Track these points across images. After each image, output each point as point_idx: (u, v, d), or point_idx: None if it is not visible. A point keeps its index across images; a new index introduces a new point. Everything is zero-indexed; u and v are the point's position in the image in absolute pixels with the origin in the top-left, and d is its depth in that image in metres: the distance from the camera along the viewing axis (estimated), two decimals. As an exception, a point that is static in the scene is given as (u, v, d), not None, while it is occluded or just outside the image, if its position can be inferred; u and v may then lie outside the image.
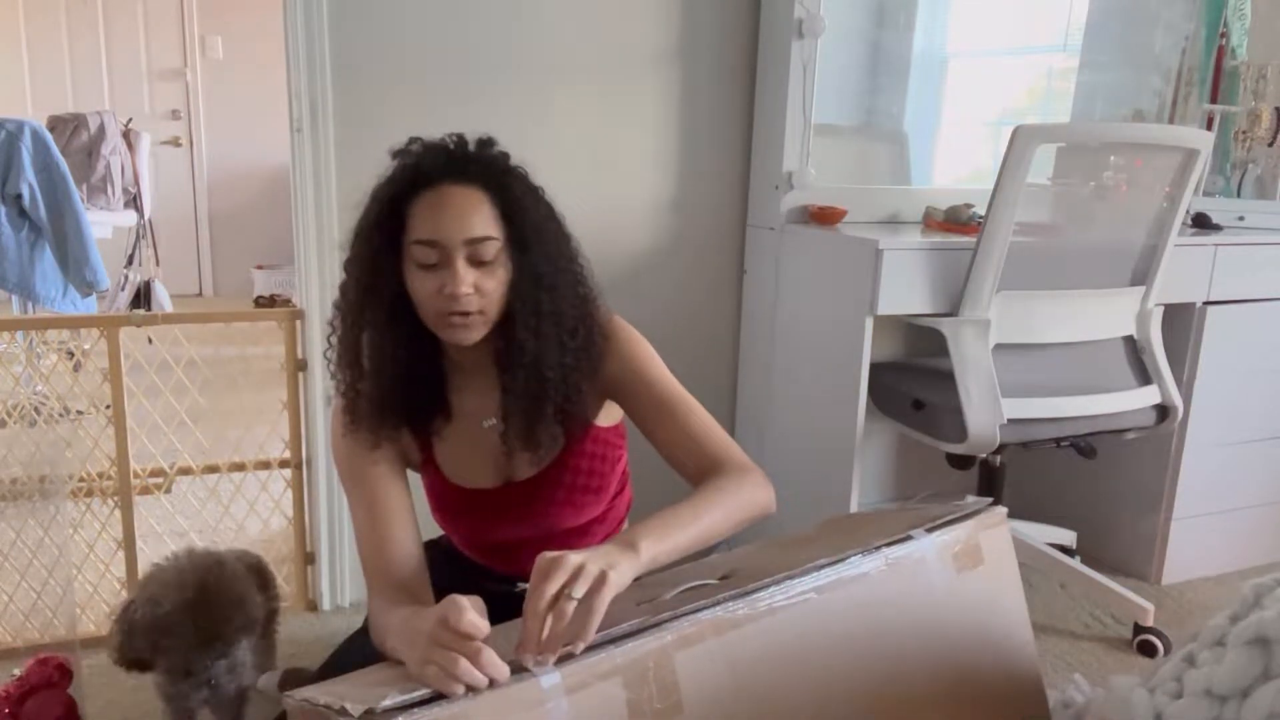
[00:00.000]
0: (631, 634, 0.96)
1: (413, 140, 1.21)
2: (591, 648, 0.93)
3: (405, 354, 1.22)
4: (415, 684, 0.88)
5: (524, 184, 1.22)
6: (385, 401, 1.23)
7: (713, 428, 1.26)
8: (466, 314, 1.16)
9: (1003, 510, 1.28)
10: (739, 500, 1.17)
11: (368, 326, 1.21)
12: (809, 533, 1.45)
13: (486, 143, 1.23)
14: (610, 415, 1.35)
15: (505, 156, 1.23)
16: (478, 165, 1.19)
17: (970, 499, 1.47)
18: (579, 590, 0.93)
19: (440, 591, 1.18)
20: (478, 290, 1.16)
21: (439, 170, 1.17)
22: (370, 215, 1.20)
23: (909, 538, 1.18)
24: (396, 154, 1.21)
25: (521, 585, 1.36)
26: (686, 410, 1.26)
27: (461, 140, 1.22)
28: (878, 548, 1.14)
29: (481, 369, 1.27)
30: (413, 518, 1.24)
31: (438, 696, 0.86)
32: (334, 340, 1.25)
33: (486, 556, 1.40)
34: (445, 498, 1.35)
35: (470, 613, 0.90)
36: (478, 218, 1.15)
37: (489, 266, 1.16)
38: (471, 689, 0.87)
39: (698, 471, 1.23)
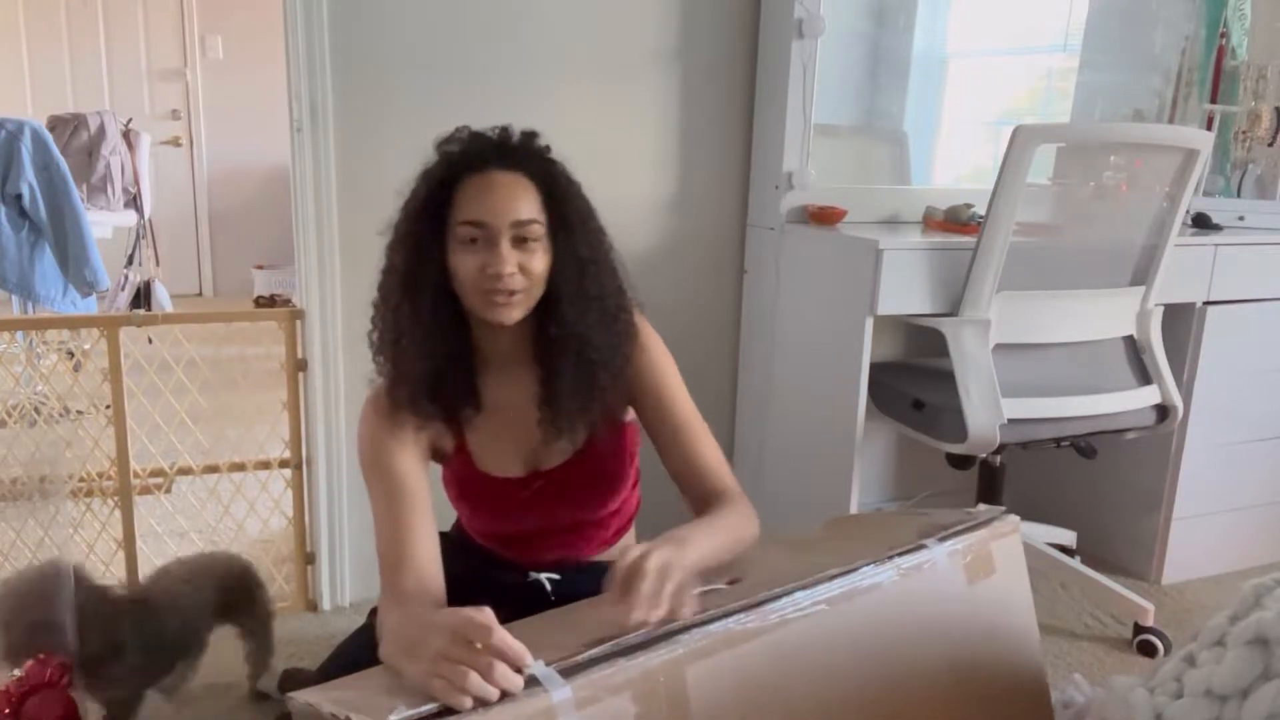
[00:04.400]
0: (641, 646, 0.95)
1: (460, 129, 1.25)
2: (601, 660, 0.92)
3: (442, 340, 1.24)
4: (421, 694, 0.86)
5: (565, 175, 1.27)
6: (421, 382, 1.24)
7: (719, 458, 1.34)
8: (510, 292, 1.19)
9: (1015, 519, 1.27)
10: (743, 532, 1.25)
11: (409, 306, 1.23)
12: (815, 533, 1.45)
13: (531, 134, 1.27)
14: (629, 412, 1.38)
15: (548, 149, 1.27)
16: (523, 153, 1.24)
17: (983, 507, 1.46)
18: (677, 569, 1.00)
19: (452, 582, 1.19)
20: (522, 270, 1.19)
21: (486, 156, 1.22)
22: (418, 197, 1.23)
23: (921, 547, 1.17)
24: (443, 142, 1.25)
25: (535, 576, 1.37)
26: (701, 435, 1.33)
27: (506, 131, 1.26)
28: (889, 557, 1.14)
29: (512, 358, 1.30)
30: (432, 513, 1.25)
31: (446, 709, 0.84)
32: (376, 321, 1.27)
33: (503, 545, 1.41)
34: (471, 485, 1.37)
35: (500, 630, 0.88)
36: (524, 201, 1.20)
37: (533, 249, 1.20)
38: (481, 703, 0.85)
39: (701, 495, 1.31)
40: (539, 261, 1.21)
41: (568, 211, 1.23)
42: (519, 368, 1.30)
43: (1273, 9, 2.55)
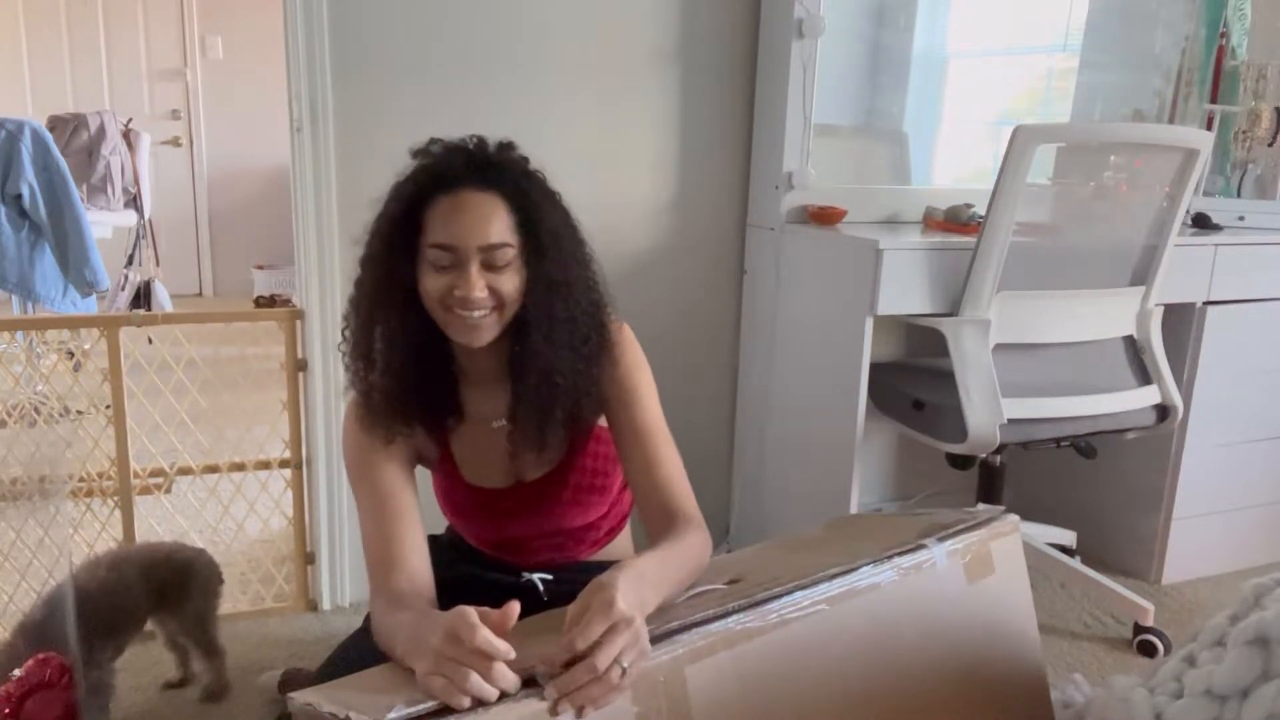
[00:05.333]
0: None
1: (433, 141, 1.21)
2: None
3: (416, 352, 1.23)
4: (421, 693, 0.87)
5: (542, 189, 1.22)
6: (397, 397, 1.23)
7: (680, 474, 1.28)
8: (477, 314, 1.16)
9: (1015, 518, 1.27)
10: (700, 563, 1.18)
11: (380, 323, 1.22)
12: (815, 534, 1.45)
13: (506, 146, 1.23)
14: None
15: (524, 161, 1.23)
16: (497, 170, 1.19)
17: (982, 507, 1.46)
18: (630, 660, 0.90)
19: (446, 584, 1.19)
20: (491, 292, 1.16)
21: (458, 174, 1.17)
22: (388, 215, 1.20)
23: (921, 546, 1.17)
24: (416, 154, 1.21)
25: (528, 576, 1.37)
26: (663, 449, 1.27)
27: (481, 143, 1.22)
28: (889, 557, 1.14)
29: (491, 372, 1.28)
30: (419, 518, 1.24)
31: (445, 708, 0.85)
32: (347, 334, 1.26)
33: (496, 549, 1.41)
34: (458, 495, 1.36)
35: (484, 630, 0.88)
36: (494, 224, 1.16)
37: (503, 271, 1.17)
38: (480, 702, 0.85)
39: (654, 510, 1.24)
40: (509, 283, 1.17)
41: (541, 231, 1.18)
42: (497, 383, 1.28)
43: (1273, 9, 2.55)
